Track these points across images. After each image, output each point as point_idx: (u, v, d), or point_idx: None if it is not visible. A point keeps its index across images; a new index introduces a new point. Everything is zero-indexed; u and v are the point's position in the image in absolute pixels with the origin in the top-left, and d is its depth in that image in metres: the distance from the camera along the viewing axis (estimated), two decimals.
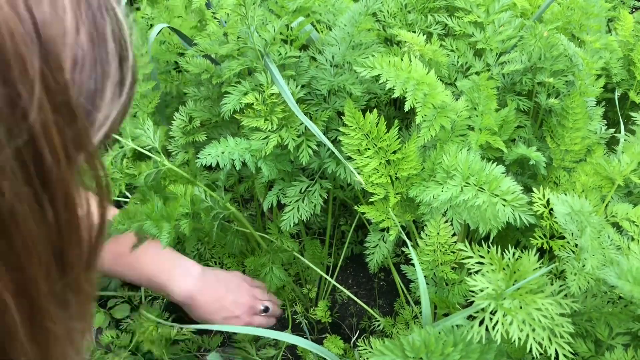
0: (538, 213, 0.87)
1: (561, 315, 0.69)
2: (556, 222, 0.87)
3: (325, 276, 1.13)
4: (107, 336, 1.21)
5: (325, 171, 1.07)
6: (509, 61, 1.09)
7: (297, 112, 0.96)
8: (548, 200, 0.87)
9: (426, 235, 0.95)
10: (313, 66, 1.07)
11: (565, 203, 0.73)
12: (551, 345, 0.67)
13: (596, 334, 0.79)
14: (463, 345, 0.70)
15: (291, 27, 1.07)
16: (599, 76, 1.10)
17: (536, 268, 0.72)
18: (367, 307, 1.13)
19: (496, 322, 0.67)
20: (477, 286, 0.69)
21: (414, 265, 0.87)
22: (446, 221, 0.94)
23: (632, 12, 1.41)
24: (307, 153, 1.02)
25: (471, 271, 0.74)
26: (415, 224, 1.05)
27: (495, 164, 0.89)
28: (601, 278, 0.72)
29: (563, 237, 0.89)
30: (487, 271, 0.72)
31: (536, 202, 0.87)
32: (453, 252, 0.94)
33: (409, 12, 1.18)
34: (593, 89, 1.06)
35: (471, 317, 0.71)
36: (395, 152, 0.97)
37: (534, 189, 0.88)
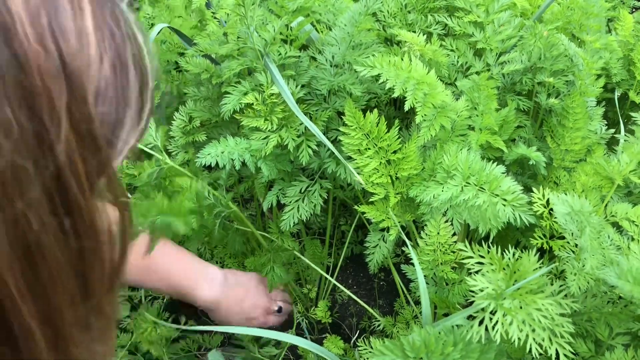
0: (538, 213, 0.87)
1: (561, 315, 0.69)
2: (556, 222, 0.87)
3: (325, 275, 1.13)
4: None
5: (325, 171, 1.07)
6: (509, 61, 1.09)
7: (297, 112, 0.96)
8: (548, 200, 0.86)
9: (426, 235, 0.95)
10: (313, 66, 1.07)
11: (565, 203, 0.73)
12: (551, 345, 0.67)
13: (596, 334, 0.79)
14: (463, 345, 0.70)
15: (291, 27, 1.07)
16: (599, 76, 1.10)
17: (536, 268, 0.72)
18: (368, 307, 1.13)
19: (496, 322, 0.67)
20: (477, 286, 0.69)
21: (414, 265, 0.87)
22: (446, 221, 0.94)
23: (632, 12, 1.41)
24: (307, 153, 1.02)
25: (471, 271, 0.74)
26: (415, 224, 1.05)
27: (495, 164, 0.89)
28: (601, 278, 0.72)
29: (563, 237, 0.89)
30: (487, 271, 0.72)
31: (536, 202, 0.87)
32: (453, 252, 0.94)
33: (409, 12, 1.18)
34: (593, 89, 1.06)
35: (471, 317, 0.71)
36: (395, 152, 0.97)
37: (534, 189, 0.88)
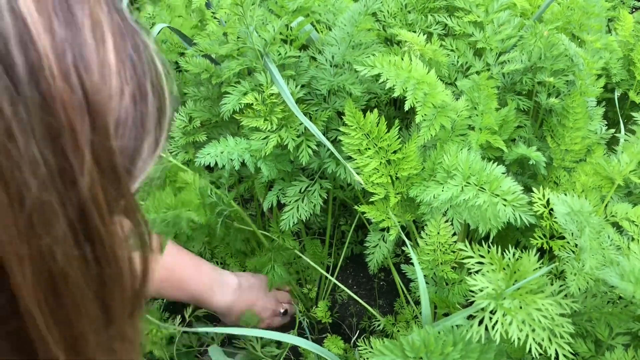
0: (538, 213, 0.87)
1: (561, 315, 0.69)
2: (556, 222, 0.87)
3: (326, 275, 1.13)
4: None
5: (325, 171, 1.07)
6: (509, 61, 1.09)
7: (297, 112, 0.96)
8: (548, 200, 0.86)
9: (426, 234, 0.95)
10: (313, 66, 1.07)
11: (564, 203, 0.73)
12: (551, 345, 0.67)
13: (596, 334, 0.79)
14: (463, 345, 0.70)
15: (291, 27, 1.07)
16: (600, 76, 1.10)
17: (536, 268, 0.72)
18: (368, 307, 1.13)
19: (496, 322, 0.67)
20: (477, 286, 0.69)
21: (414, 265, 0.87)
22: (446, 221, 0.94)
23: (632, 12, 1.40)
24: (307, 153, 1.02)
25: (471, 271, 0.74)
26: (415, 224, 1.05)
27: (495, 164, 0.89)
28: (601, 278, 0.72)
29: (563, 237, 0.88)
30: (487, 271, 0.72)
31: (536, 202, 0.87)
32: (453, 252, 0.94)
33: (409, 12, 1.18)
34: (594, 89, 1.06)
35: (471, 317, 0.71)
36: (395, 152, 0.97)
37: (534, 189, 0.88)
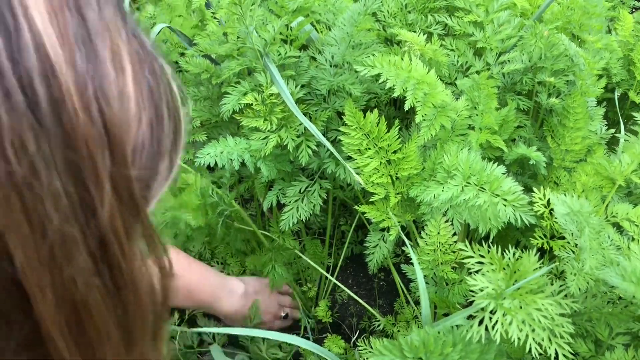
0: (539, 213, 0.87)
1: (561, 315, 0.69)
2: (556, 222, 0.87)
3: (326, 275, 1.13)
4: None
5: (325, 171, 1.07)
6: (509, 60, 1.09)
7: (296, 113, 0.96)
8: (549, 200, 0.86)
9: (426, 234, 0.94)
10: (313, 66, 1.07)
11: (564, 203, 0.73)
12: (551, 345, 0.67)
13: (596, 334, 0.79)
14: (462, 345, 0.70)
15: (291, 27, 1.07)
16: (601, 76, 1.09)
17: (536, 268, 0.72)
18: (368, 307, 1.13)
19: (496, 322, 0.67)
20: (477, 286, 0.69)
21: (414, 265, 0.87)
22: (446, 221, 0.94)
23: (632, 12, 1.40)
24: (307, 153, 1.02)
25: (471, 271, 0.73)
26: (415, 224, 1.05)
27: (495, 164, 0.89)
28: (601, 278, 0.72)
29: (563, 238, 0.88)
30: (487, 271, 0.72)
31: (537, 202, 0.87)
32: (453, 252, 0.93)
33: (409, 12, 1.18)
34: (594, 89, 1.06)
35: (471, 317, 0.71)
36: (395, 152, 0.97)
37: (535, 189, 0.88)
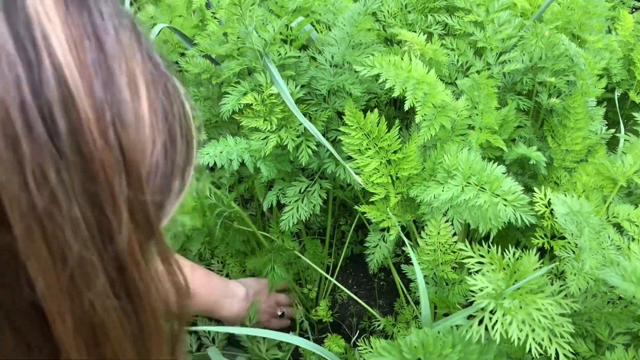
0: (539, 213, 0.87)
1: (561, 315, 0.69)
2: (557, 222, 0.87)
3: (326, 275, 1.13)
4: None
5: (325, 171, 1.07)
6: (510, 60, 1.09)
7: (296, 113, 0.96)
8: (549, 200, 0.86)
9: (427, 234, 0.94)
10: (313, 66, 1.07)
11: (564, 203, 0.73)
12: (551, 345, 0.67)
13: (596, 334, 0.79)
14: (462, 346, 0.69)
15: (291, 27, 1.07)
16: (601, 76, 1.09)
17: (536, 268, 0.72)
18: (368, 307, 1.13)
19: (496, 322, 0.66)
20: (477, 286, 0.69)
21: (414, 265, 0.87)
22: (447, 221, 0.94)
23: (632, 12, 1.40)
24: (307, 153, 1.02)
25: (471, 271, 0.73)
26: (415, 224, 1.04)
27: (496, 164, 0.89)
28: (601, 278, 0.72)
29: (564, 237, 0.88)
30: (487, 271, 0.72)
31: (537, 202, 0.87)
32: (453, 252, 0.93)
33: (409, 12, 1.18)
34: (595, 89, 1.06)
35: (471, 317, 0.71)
36: (395, 152, 0.97)
37: (535, 189, 0.88)
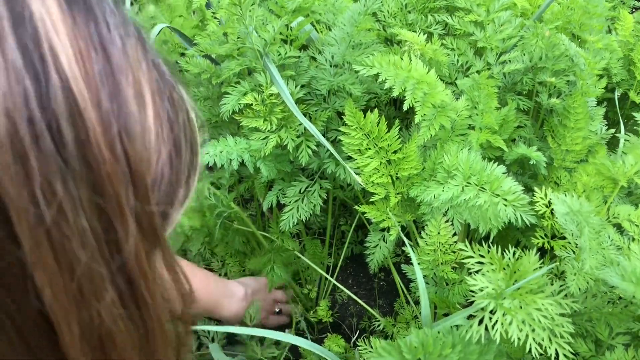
0: (540, 213, 0.86)
1: (561, 315, 0.69)
2: (557, 222, 0.87)
3: (325, 275, 1.13)
4: None
5: (325, 171, 1.07)
6: (510, 60, 1.09)
7: (296, 113, 0.96)
8: (550, 200, 0.86)
9: (427, 234, 0.94)
10: (313, 66, 1.07)
11: (564, 203, 0.73)
12: (551, 345, 0.67)
13: (596, 334, 0.79)
14: (462, 346, 0.69)
15: (291, 27, 1.07)
16: (601, 76, 1.09)
17: (536, 268, 0.71)
18: (368, 307, 1.13)
19: (496, 322, 0.66)
20: (477, 286, 0.69)
21: (414, 265, 0.87)
22: (447, 221, 0.94)
23: (632, 12, 1.40)
24: (307, 153, 1.02)
25: (471, 271, 0.73)
26: (415, 224, 1.04)
27: (496, 164, 0.89)
28: (601, 278, 0.72)
29: (564, 237, 0.88)
30: (487, 271, 0.72)
31: (538, 202, 0.87)
32: (453, 252, 0.93)
33: (409, 12, 1.18)
34: (595, 89, 1.06)
35: (471, 317, 0.71)
36: (395, 152, 0.97)
37: (535, 189, 0.88)
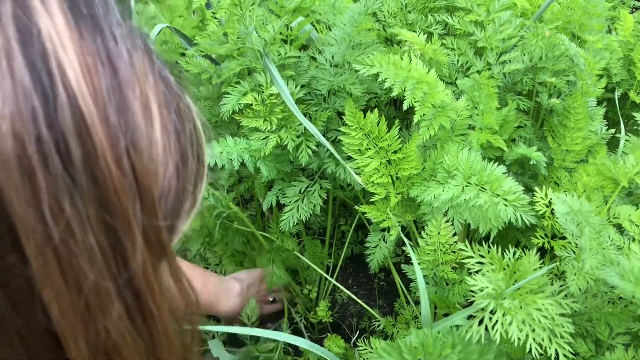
0: (540, 213, 0.86)
1: (561, 315, 0.69)
2: (557, 222, 0.87)
3: (325, 276, 1.13)
4: None
5: (325, 171, 1.07)
6: (510, 60, 1.09)
7: (296, 113, 0.96)
8: (550, 200, 0.86)
9: (427, 234, 0.94)
10: (313, 66, 1.07)
11: (564, 203, 0.73)
12: (551, 345, 0.67)
13: (596, 334, 0.79)
14: (462, 346, 0.69)
15: (291, 27, 1.07)
16: (601, 76, 1.09)
17: (536, 268, 0.71)
18: (367, 307, 1.13)
19: (496, 322, 0.66)
20: (477, 286, 0.69)
21: (414, 265, 0.87)
22: (447, 221, 0.94)
23: (632, 12, 1.40)
24: (307, 153, 1.02)
25: (471, 271, 0.73)
26: (415, 224, 1.04)
27: (496, 164, 0.89)
28: (601, 278, 0.72)
29: (564, 237, 0.88)
30: (487, 271, 0.72)
31: (538, 202, 0.87)
32: (453, 252, 0.93)
33: (409, 12, 1.18)
34: (595, 89, 1.06)
35: (471, 317, 0.71)
36: (396, 152, 0.97)
37: (536, 189, 0.88)
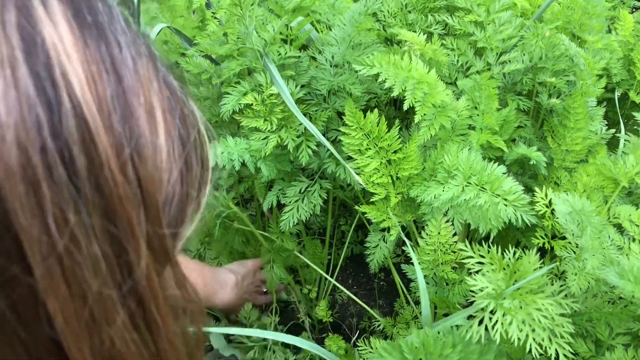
0: (540, 213, 0.86)
1: (561, 315, 0.69)
2: (558, 222, 0.87)
3: (325, 276, 1.13)
4: None
5: (325, 171, 1.07)
6: (510, 60, 1.09)
7: (296, 113, 0.96)
8: (550, 200, 0.86)
9: (427, 235, 0.94)
10: (313, 66, 1.07)
11: (566, 202, 0.73)
12: (551, 345, 0.67)
13: (596, 334, 0.79)
14: (462, 346, 0.69)
15: (291, 27, 1.07)
16: (601, 76, 1.09)
17: (537, 268, 0.71)
18: (367, 307, 1.13)
19: (496, 322, 0.66)
20: (477, 286, 0.69)
21: (414, 265, 0.87)
22: (447, 221, 0.94)
23: (632, 12, 1.40)
24: (307, 153, 1.02)
25: (471, 271, 0.73)
26: (415, 224, 1.04)
27: (496, 164, 0.89)
28: (601, 278, 0.72)
29: (565, 238, 0.88)
30: (487, 271, 0.72)
31: (538, 202, 0.87)
32: (453, 252, 0.93)
33: (409, 12, 1.18)
34: (595, 89, 1.06)
35: (471, 317, 0.71)
36: (396, 152, 0.97)
37: (536, 189, 0.88)
